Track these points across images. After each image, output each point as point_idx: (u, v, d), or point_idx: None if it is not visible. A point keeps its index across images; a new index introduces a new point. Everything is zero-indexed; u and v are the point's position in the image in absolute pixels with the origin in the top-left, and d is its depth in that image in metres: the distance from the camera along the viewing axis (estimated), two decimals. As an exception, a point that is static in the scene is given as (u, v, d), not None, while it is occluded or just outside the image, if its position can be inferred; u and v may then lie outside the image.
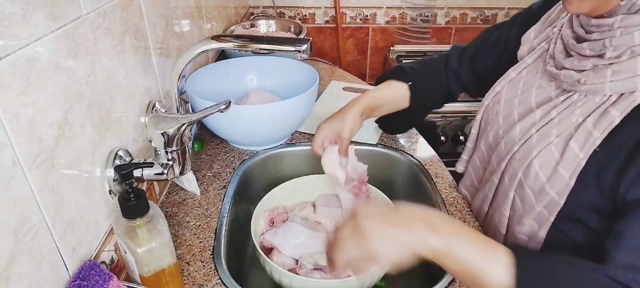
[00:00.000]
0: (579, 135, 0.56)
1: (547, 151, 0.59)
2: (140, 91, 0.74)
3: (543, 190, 0.59)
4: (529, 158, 0.61)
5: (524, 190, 0.62)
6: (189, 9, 1.03)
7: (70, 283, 0.53)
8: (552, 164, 0.58)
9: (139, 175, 0.67)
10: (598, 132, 0.54)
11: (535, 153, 0.60)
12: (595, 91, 0.55)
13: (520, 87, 0.69)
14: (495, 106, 0.73)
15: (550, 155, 0.59)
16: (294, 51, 0.71)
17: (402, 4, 2.01)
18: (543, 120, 0.61)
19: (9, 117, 0.44)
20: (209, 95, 0.89)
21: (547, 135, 0.60)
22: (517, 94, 0.69)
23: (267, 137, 0.99)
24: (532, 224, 0.64)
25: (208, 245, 0.75)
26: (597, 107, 0.56)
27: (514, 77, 0.72)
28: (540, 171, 0.59)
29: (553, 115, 0.60)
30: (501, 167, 0.67)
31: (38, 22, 0.48)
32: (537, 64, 0.68)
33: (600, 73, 0.55)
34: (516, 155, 0.64)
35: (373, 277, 0.70)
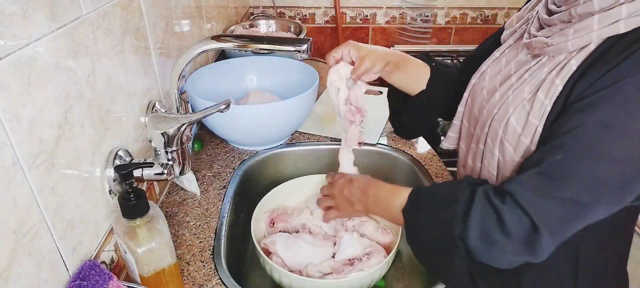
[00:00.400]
0: (544, 86, 0.62)
1: (521, 106, 0.65)
2: (140, 91, 0.74)
3: (519, 141, 0.65)
4: (506, 116, 0.67)
5: (504, 146, 0.68)
6: (189, 9, 1.03)
7: (70, 283, 0.53)
8: (524, 116, 0.64)
9: (139, 175, 0.67)
10: (559, 80, 0.60)
11: (511, 110, 0.66)
12: (560, 50, 0.62)
13: (504, 64, 0.75)
14: (481, 83, 0.78)
15: (523, 109, 0.65)
16: (294, 51, 0.71)
17: (402, 4, 2.01)
18: (518, 82, 0.68)
19: (9, 117, 0.44)
20: (209, 95, 0.89)
21: (521, 92, 0.66)
22: (501, 70, 0.74)
23: (267, 137, 0.99)
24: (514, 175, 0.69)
25: (208, 245, 0.75)
26: (561, 62, 0.62)
27: (498, 56, 0.77)
28: (517, 124, 0.65)
29: (526, 77, 0.67)
30: (485, 132, 0.72)
31: (38, 22, 0.48)
32: (518, 43, 0.74)
33: (564, 33, 0.61)
34: (496, 116, 0.69)
35: (373, 277, 0.70)
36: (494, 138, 0.70)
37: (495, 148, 0.70)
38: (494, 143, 0.70)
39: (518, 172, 0.63)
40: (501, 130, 0.67)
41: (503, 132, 0.67)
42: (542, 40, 0.64)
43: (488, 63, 0.78)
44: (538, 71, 0.65)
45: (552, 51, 0.63)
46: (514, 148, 0.66)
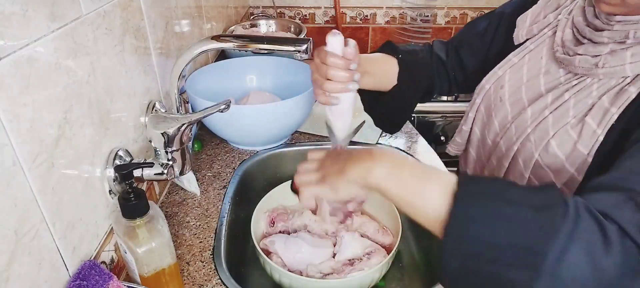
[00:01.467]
0: (595, 112, 0.57)
1: (564, 131, 0.60)
2: (140, 91, 0.74)
3: (563, 169, 0.60)
4: (546, 139, 0.61)
5: (541, 170, 0.62)
6: (189, 9, 1.03)
7: (70, 283, 0.53)
8: (571, 143, 0.59)
9: (139, 175, 0.67)
10: (615, 108, 0.55)
11: (552, 133, 0.61)
12: (614, 73, 0.57)
13: (525, 73, 0.69)
14: (498, 91, 0.72)
15: (567, 134, 0.60)
16: (294, 51, 0.71)
17: (402, 4, 2.01)
18: (556, 103, 0.62)
19: (9, 117, 0.44)
20: (209, 95, 0.89)
21: (563, 115, 0.61)
22: (523, 80, 0.69)
23: (267, 137, 0.99)
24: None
25: (208, 245, 0.75)
26: (613, 87, 0.57)
27: (517, 62, 0.71)
28: (558, 150, 0.60)
29: (566, 97, 0.61)
30: (513, 150, 0.66)
31: (38, 22, 0.48)
32: (540, 50, 0.69)
33: (619, 56, 0.56)
34: (531, 137, 0.64)
35: (373, 277, 0.70)
36: (527, 160, 0.65)
37: (526, 170, 0.65)
38: (526, 165, 0.65)
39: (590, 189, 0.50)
40: (538, 153, 0.63)
41: (541, 155, 0.62)
42: (588, 60, 0.59)
43: (504, 68, 0.73)
44: (584, 94, 0.60)
45: (603, 74, 0.58)
46: (555, 175, 0.61)
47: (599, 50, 0.58)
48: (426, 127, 1.62)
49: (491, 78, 0.75)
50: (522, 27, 0.73)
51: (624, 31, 0.57)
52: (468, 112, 0.80)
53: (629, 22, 0.56)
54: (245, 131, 0.95)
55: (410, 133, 1.08)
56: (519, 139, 0.66)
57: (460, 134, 0.83)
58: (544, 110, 0.64)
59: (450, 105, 1.62)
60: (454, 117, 1.62)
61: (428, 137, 1.09)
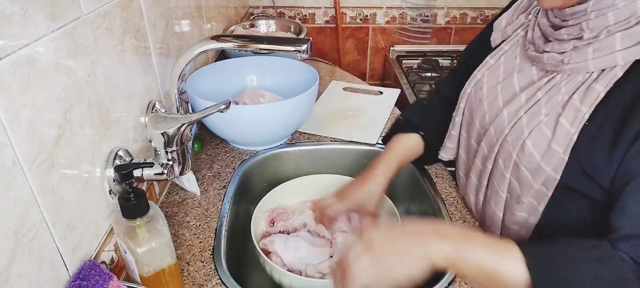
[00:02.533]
0: (568, 112, 0.59)
1: (538, 130, 0.61)
2: (140, 91, 0.74)
3: (539, 168, 0.61)
4: (521, 139, 0.63)
5: (519, 170, 0.64)
6: (189, 9, 1.03)
7: (70, 283, 0.53)
8: (545, 142, 0.60)
9: (139, 175, 0.67)
10: (585, 107, 0.57)
11: (527, 133, 0.62)
12: (578, 69, 0.58)
13: (501, 73, 0.71)
14: (478, 93, 0.74)
15: (541, 133, 0.61)
16: (294, 51, 0.71)
17: (402, 4, 2.01)
18: (529, 102, 0.64)
19: (9, 117, 0.44)
20: (209, 95, 0.89)
21: (536, 114, 0.62)
22: (499, 80, 0.71)
23: (267, 137, 0.99)
24: (531, 201, 0.66)
25: (208, 245, 0.75)
26: (581, 84, 0.59)
27: (493, 63, 0.74)
28: (534, 150, 0.61)
29: (539, 96, 0.63)
30: (494, 151, 0.69)
31: (38, 22, 0.48)
32: (515, 50, 0.71)
33: (582, 52, 0.58)
34: (508, 138, 0.66)
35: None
36: (506, 160, 0.66)
37: (507, 170, 0.66)
38: (506, 166, 0.66)
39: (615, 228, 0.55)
40: (515, 153, 0.64)
41: (518, 156, 0.64)
42: (555, 57, 0.61)
43: (482, 71, 0.75)
44: (553, 91, 0.62)
45: (569, 70, 0.60)
46: (533, 175, 0.63)
47: (564, 47, 0.60)
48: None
49: (472, 81, 0.77)
50: (497, 30, 0.76)
51: (578, 25, 0.58)
52: (455, 116, 0.81)
53: (577, 13, 0.58)
54: (245, 131, 0.95)
55: (410, 133, 1.08)
56: (498, 141, 0.68)
57: (450, 138, 0.84)
58: (518, 110, 0.65)
59: (450, 105, 1.62)
60: (454, 117, 1.62)
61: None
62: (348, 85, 1.34)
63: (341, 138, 1.05)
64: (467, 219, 0.81)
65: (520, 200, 0.67)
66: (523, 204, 0.67)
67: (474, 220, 0.81)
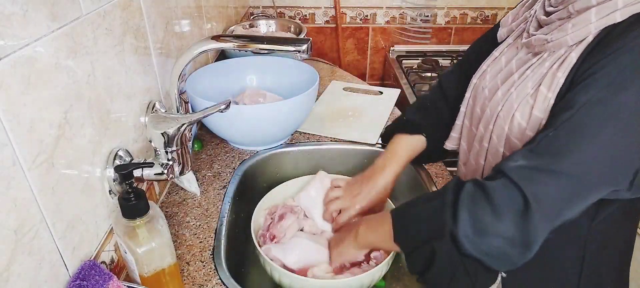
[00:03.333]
0: (547, 80, 0.63)
1: (525, 102, 0.66)
2: (140, 91, 0.74)
3: (525, 135, 0.65)
4: (511, 112, 0.67)
5: (511, 142, 0.68)
6: (189, 9, 1.03)
7: (70, 283, 0.53)
8: (529, 110, 0.65)
9: (139, 175, 0.67)
10: (561, 73, 0.61)
11: (516, 106, 0.66)
12: (559, 44, 0.63)
13: (503, 62, 0.75)
14: (482, 82, 0.78)
15: (526, 103, 0.65)
16: (294, 51, 0.71)
17: (402, 4, 2.01)
18: (519, 80, 0.69)
19: (9, 117, 0.44)
20: (209, 95, 0.89)
21: (524, 88, 0.67)
22: (501, 69, 0.75)
23: (267, 137, 0.99)
24: None
25: (208, 245, 0.75)
26: (561, 56, 0.63)
27: (497, 55, 0.77)
28: (521, 119, 0.66)
29: (528, 74, 0.68)
30: (489, 129, 0.72)
31: (38, 22, 0.48)
32: (516, 42, 0.75)
33: (563, 28, 0.62)
34: (501, 114, 0.69)
35: (373, 277, 0.70)
36: (500, 135, 0.70)
37: (500, 145, 0.70)
38: (499, 140, 0.70)
39: None
40: (507, 126, 0.68)
41: (509, 128, 0.68)
42: (541, 37, 0.65)
43: (488, 62, 0.79)
44: (539, 67, 0.66)
45: (552, 46, 0.64)
46: (521, 143, 0.66)
47: (550, 29, 0.65)
48: (426, 127, 1.62)
49: (477, 73, 0.80)
50: (504, 26, 0.79)
51: (565, 9, 0.63)
52: (461, 107, 0.84)
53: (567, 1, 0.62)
54: (245, 131, 0.95)
55: (410, 133, 1.08)
56: (491, 119, 0.72)
57: (455, 128, 0.86)
58: (510, 87, 0.69)
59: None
60: (454, 117, 1.62)
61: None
62: (348, 85, 1.34)
63: (341, 138, 1.05)
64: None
65: None
66: None
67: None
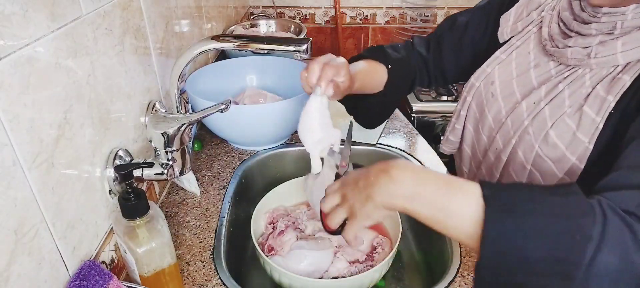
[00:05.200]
0: (592, 102, 0.59)
1: (561, 121, 0.62)
2: (140, 91, 0.74)
3: (563, 157, 0.61)
4: (544, 129, 0.63)
5: (542, 160, 0.64)
6: (189, 9, 1.03)
7: (70, 283, 0.53)
8: (570, 132, 0.61)
9: (139, 175, 0.67)
10: (611, 96, 0.57)
11: (550, 124, 0.63)
12: (606, 63, 0.59)
13: (514, 68, 0.72)
14: (489, 88, 0.74)
15: (565, 124, 0.62)
16: (294, 51, 0.71)
17: (402, 4, 2.01)
18: (550, 94, 0.65)
19: (9, 117, 0.44)
20: (209, 95, 0.89)
21: (560, 106, 0.63)
22: (513, 75, 0.71)
23: (267, 137, 0.99)
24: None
25: (208, 245, 0.75)
26: (605, 76, 0.59)
27: (504, 58, 0.74)
28: (558, 140, 0.62)
29: (560, 88, 0.64)
30: (511, 143, 0.68)
31: (38, 22, 0.48)
32: (527, 46, 0.72)
33: (610, 45, 0.58)
34: (529, 129, 0.65)
35: (373, 277, 0.70)
36: (528, 152, 0.66)
37: (528, 162, 0.66)
38: (526, 157, 0.66)
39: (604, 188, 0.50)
40: (538, 144, 0.64)
41: (541, 146, 0.64)
42: (579, 52, 0.61)
43: (492, 65, 0.75)
44: (577, 83, 0.62)
45: (596, 64, 0.60)
46: (556, 165, 0.63)
47: (588, 42, 0.61)
48: (426, 127, 1.62)
49: (480, 75, 0.77)
50: (505, 25, 0.76)
51: (611, 22, 0.59)
52: (459, 110, 0.82)
53: (615, 13, 0.59)
54: (245, 131, 0.95)
55: (410, 133, 1.08)
56: (516, 132, 0.68)
57: (454, 132, 0.84)
58: (539, 102, 0.66)
59: (451, 105, 1.62)
60: (454, 117, 1.62)
61: (428, 137, 1.09)
62: (348, 85, 1.34)
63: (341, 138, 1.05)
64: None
65: None
66: None
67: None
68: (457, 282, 0.68)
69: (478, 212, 0.46)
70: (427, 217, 0.50)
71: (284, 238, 0.78)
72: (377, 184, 0.53)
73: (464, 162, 0.85)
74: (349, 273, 0.73)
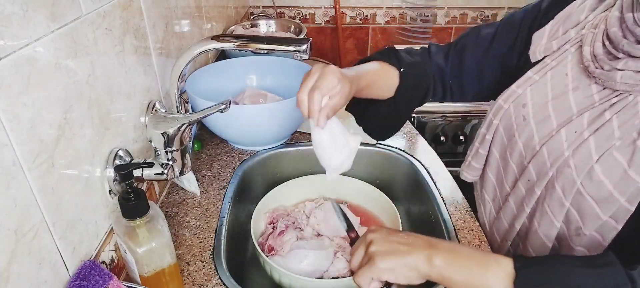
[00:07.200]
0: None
1: (609, 155, 0.56)
2: (140, 91, 0.74)
3: (610, 198, 0.56)
4: (589, 164, 0.57)
5: (583, 199, 0.58)
6: (189, 9, 1.03)
7: (70, 283, 0.53)
8: (619, 169, 0.55)
9: (139, 175, 0.67)
10: None
11: (596, 157, 0.57)
12: None
13: (549, 91, 0.65)
14: (521, 110, 0.68)
15: (614, 159, 0.55)
16: (294, 51, 0.71)
17: (402, 4, 2.01)
18: (595, 123, 0.58)
19: (9, 117, 0.44)
20: (209, 95, 0.89)
21: (608, 138, 0.56)
22: (548, 98, 0.65)
23: (267, 137, 0.99)
24: (594, 235, 0.60)
25: (208, 245, 0.75)
26: None
27: (538, 80, 0.67)
28: (604, 177, 0.56)
29: (607, 117, 0.57)
30: (548, 176, 0.62)
31: (38, 22, 0.48)
32: (564, 66, 0.65)
33: None
34: (570, 162, 0.59)
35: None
36: (567, 187, 0.60)
37: (567, 198, 0.60)
38: (565, 193, 0.60)
39: None
40: (580, 180, 0.58)
41: (583, 183, 0.58)
42: (632, 75, 0.55)
43: (524, 86, 0.68)
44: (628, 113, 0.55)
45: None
46: (600, 205, 0.57)
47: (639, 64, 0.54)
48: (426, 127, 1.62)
49: (510, 97, 0.70)
50: (538, 44, 0.69)
51: None
52: (484, 133, 0.74)
53: None
54: (245, 131, 0.95)
55: (410, 133, 1.08)
56: (554, 164, 0.61)
57: (477, 157, 0.77)
58: (582, 132, 0.59)
59: (450, 105, 1.62)
60: (453, 117, 1.62)
61: (428, 137, 1.09)
62: (348, 85, 1.34)
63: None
64: (467, 220, 0.81)
65: (580, 232, 0.60)
66: (584, 237, 0.60)
67: (474, 219, 0.81)
68: (457, 282, 0.68)
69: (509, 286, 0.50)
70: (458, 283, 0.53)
71: (284, 238, 0.78)
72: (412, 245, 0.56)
73: (487, 190, 0.78)
74: (349, 274, 0.73)
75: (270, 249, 0.78)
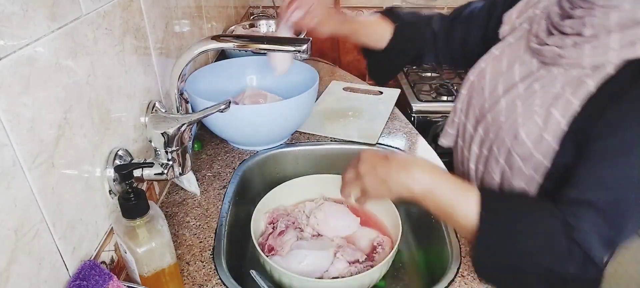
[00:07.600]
0: (559, 104, 0.62)
1: (531, 121, 0.65)
2: (140, 91, 0.74)
3: (531, 156, 0.65)
4: (515, 127, 0.67)
5: (512, 157, 0.68)
6: (189, 9, 1.03)
7: (70, 283, 0.53)
8: (537, 131, 0.64)
9: (139, 175, 0.67)
10: (576, 100, 0.60)
11: (520, 121, 0.66)
12: (574, 64, 0.61)
13: (504, 64, 0.74)
14: (481, 82, 0.77)
15: (534, 123, 0.64)
16: (294, 51, 0.71)
17: (402, 4, 2.01)
18: (527, 92, 0.67)
19: (9, 117, 0.44)
20: (209, 95, 0.89)
21: (531, 104, 0.65)
22: (502, 71, 0.73)
23: (267, 137, 0.99)
24: (522, 186, 0.70)
25: (208, 245, 0.75)
26: (575, 78, 0.61)
27: (498, 54, 0.76)
28: (527, 139, 0.65)
29: (536, 87, 0.66)
30: (490, 138, 0.72)
31: (38, 22, 0.48)
32: (519, 43, 0.73)
33: (580, 48, 0.61)
34: (504, 126, 0.69)
35: (373, 277, 0.70)
36: (500, 146, 0.69)
37: (500, 156, 0.69)
38: (500, 151, 0.69)
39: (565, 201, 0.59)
40: (509, 141, 0.67)
41: (512, 144, 0.67)
42: (554, 50, 0.63)
43: (487, 61, 0.77)
44: (549, 84, 0.64)
45: (566, 64, 0.62)
46: (524, 162, 0.66)
47: (564, 42, 0.63)
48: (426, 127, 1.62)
49: (475, 70, 0.79)
50: (507, 23, 0.78)
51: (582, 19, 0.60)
52: (456, 103, 0.83)
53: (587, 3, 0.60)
54: (245, 131, 0.95)
55: (410, 133, 1.08)
56: (493, 127, 0.71)
57: (452, 125, 0.86)
58: (515, 100, 0.68)
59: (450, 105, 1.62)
60: (454, 117, 1.62)
61: (428, 137, 1.09)
62: (348, 85, 1.34)
63: (341, 138, 1.05)
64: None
65: (511, 185, 0.70)
66: (514, 189, 0.70)
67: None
68: (457, 282, 0.68)
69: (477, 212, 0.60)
70: (438, 207, 0.62)
71: (284, 238, 0.78)
72: (396, 178, 0.63)
73: (457, 154, 0.88)
74: (349, 274, 0.73)
75: (270, 249, 0.78)
